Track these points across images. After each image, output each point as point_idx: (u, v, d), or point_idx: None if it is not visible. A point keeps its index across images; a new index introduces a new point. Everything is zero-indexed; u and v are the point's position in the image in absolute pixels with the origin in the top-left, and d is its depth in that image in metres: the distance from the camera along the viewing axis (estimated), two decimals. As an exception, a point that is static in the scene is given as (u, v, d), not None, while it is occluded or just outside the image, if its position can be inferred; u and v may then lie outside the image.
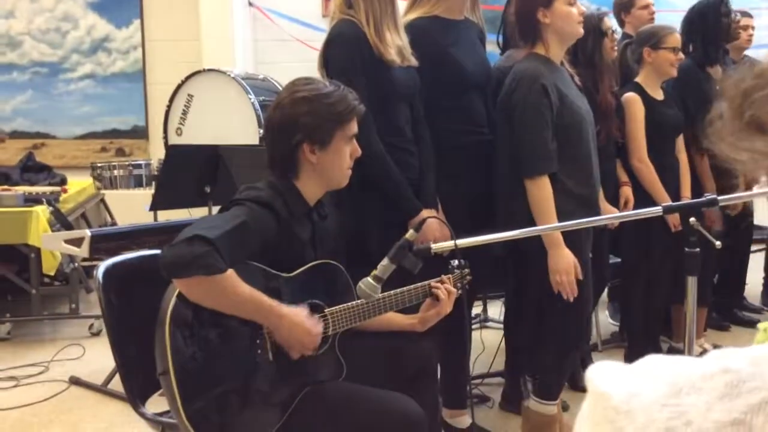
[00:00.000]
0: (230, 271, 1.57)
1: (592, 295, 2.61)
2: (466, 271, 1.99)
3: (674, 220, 3.06)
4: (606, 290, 3.87)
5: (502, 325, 3.37)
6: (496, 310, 3.82)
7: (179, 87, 4.35)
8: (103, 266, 1.89)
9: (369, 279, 1.71)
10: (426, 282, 1.92)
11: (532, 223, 2.27)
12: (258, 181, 1.84)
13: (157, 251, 1.69)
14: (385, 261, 1.72)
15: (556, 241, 2.27)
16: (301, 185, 1.82)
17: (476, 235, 1.79)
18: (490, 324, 3.84)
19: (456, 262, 1.97)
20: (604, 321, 3.81)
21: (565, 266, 2.26)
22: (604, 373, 0.48)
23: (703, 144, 0.61)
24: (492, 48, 2.97)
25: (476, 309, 3.78)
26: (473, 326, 3.44)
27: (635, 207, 3.02)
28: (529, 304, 2.85)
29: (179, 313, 1.60)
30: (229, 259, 1.57)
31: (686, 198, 3.11)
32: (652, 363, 0.47)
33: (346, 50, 2.17)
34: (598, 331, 3.55)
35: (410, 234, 1.74)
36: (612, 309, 3.95)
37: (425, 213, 2.23)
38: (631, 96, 3.07)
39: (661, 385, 0.44)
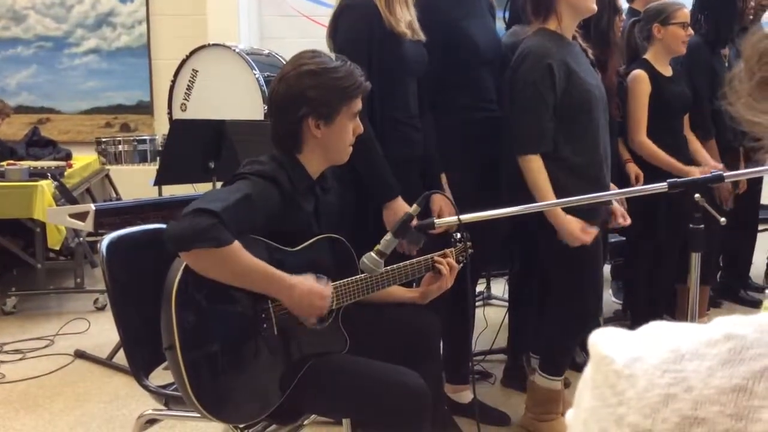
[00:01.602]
0: (236, 244, 1.58)
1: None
2: (469, 244, 1.98)
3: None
4: (609, 268, 3.87)
5: (505, 303, 3.38)
6: (499, 287, 3.82)
7: (184, 62, 4.32)
8: (107, 239, 1.89)
9: (372, 254, 1.71)
10: (429, 255, 1.92)
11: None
12: (262, 155, 1.83)
13: (162, 225, 1.69)
14: (388, 236, 1.72)
15: (555, 213, 2.27)
16: (304, 159, 1.81)
17: (487, 208, 1.79)
18: (493, 301, 3.85)
19: (458, 235, 1.96)
20: (607, 299, 3.81)
21: (576, 234, 2.26)
22: (608, 338, 0.48)
23: (719, 106, 0.60)
24: (498, 24, 2.94)
25: (480, 286, 3.79)
26: (476, 303, 3.46)
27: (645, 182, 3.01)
28: (536, 280, 2.86)
29: (185, 288, 1.60)
30: (235, 232, 1.58)
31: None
32: (657, 329, 0.47)
33: (356, 21, 2.15)
34: (601, 310, 3.55)
35: (414, 209, 1.73)
36: (615, 287, 3.95)
37: (440, 198, 2.23)
38: (638, 73, 3.04)
39: (664, 350, 0.43)
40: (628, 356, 0.45)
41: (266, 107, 1.84)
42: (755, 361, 0.40)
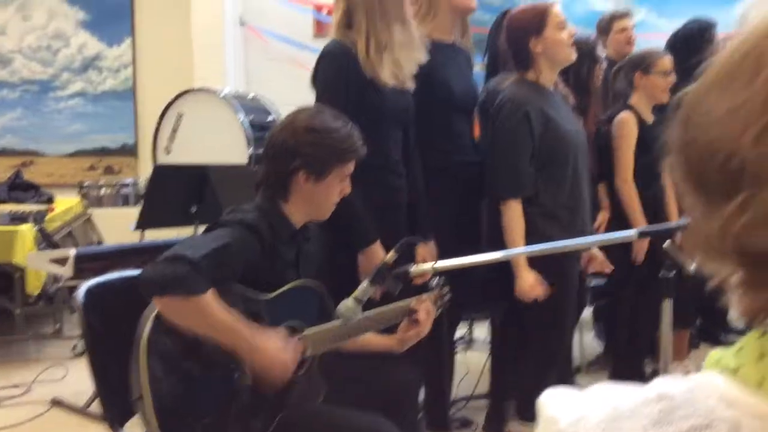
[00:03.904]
0: (210, 293, 1.57)
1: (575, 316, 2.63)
2: (446, 289, 1.99)
3: (639, 250, 2.94)
4: (591, 311, 3.88)
5: (487, 347, 3.37)
6: (482, 331, 3.82)
7: (169, 106, 4.36)
8: (84, 287, 1.88)
9: (349, 300, 1.71)
10: (406, 301, 1.93)
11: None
12: (244, 201, 1.84)
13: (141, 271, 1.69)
14: (365, 283, 1.72)
15: (520, 263, 2.31)
16: (288, 209, 1.83)
17: (463, 255, 1.81)
18: (475, 345, 3.83)
19: (436, 280, 1.97)
20: (589, 343, 3.81)
21: (526, 289, 2.31)
22: (556, 399, 0.50)
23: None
24: (478, 68, 3.01)
25: (462, 330, 3.78)
26: (458, 348, 3.44)
27: (617, 230, 3.03)
28: (514, 323, 2.86)
29: (156, 335, 1.59)
30: (210, 280, 1.57)
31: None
32: (603, 389, 0.50)
33: (333, 69, 2.19)
34: (583, 353, 3.55)
35: (390, 256, 1.74)
36: (597, 330, 3.95)
37: (426, 245, 2.26)
38: (625, 116, 3.06)
39: (605, 409, 0.46)
40: (572, 417, 0.47)
41: (262, 149, 1.87)
42: (683, 421, 0.42)
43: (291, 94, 3.04)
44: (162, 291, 1.55)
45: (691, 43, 3.34)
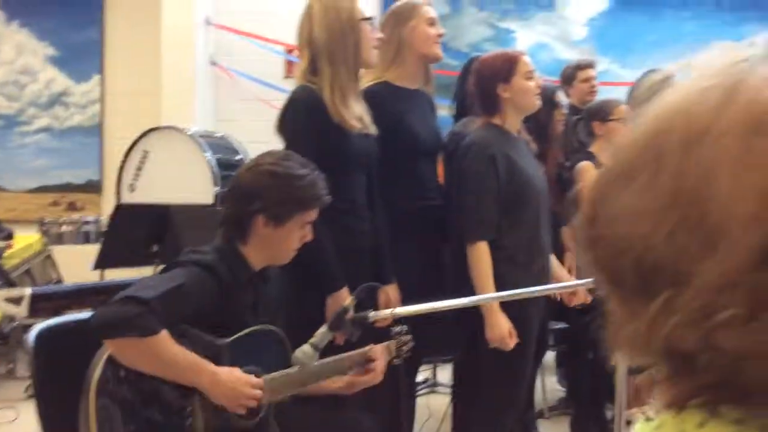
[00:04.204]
0: (164, 333, 1.56)
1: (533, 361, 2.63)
2: (407, 338, 1.99)
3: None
4: (554, 355, 3.89)
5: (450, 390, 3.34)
6: (446, 374, 3.80)
7: (135, 143, 4.33)
8: (35, 330, 1.84)
9: (306, 346, 1.70)
10: (365, 348, 1.91)
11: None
12: (206, 241, 1.84)
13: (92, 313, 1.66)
14: (322, 329, 1.71)
15: (492, 308, 2.31)
16: (247, 251, 1.82)
17: (427, 299, 1.82)
18: (439, 389, 3.81)
19: (398, 328, 1.97)
20: (552, 387, 3.81)
21: (498, 335, 2.30)
22: None
23: None
24: (444, 111, 3.06)
25: (425, 373, 3.76)
26: (421, 391, 3.42)
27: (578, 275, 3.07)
28: (474, 367, 2.85)
29: (106, 379, 1.56)
30: (164, 321, 1.56)
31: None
32: None
33: (300, 116, 2.21)
34: (545, 398, 3.55)
35: (349, 301, 1.74)
36: (560, 374, 3.96)
37: (388, 290, 2.26)
38: (585, 164, 3.13)
39: None
40: None
41: (225, 189, 1.88)
42: None
43: (260, 133, 3.04)
44: (114, 333, 1.53)
45: (654, 92, 3.43)
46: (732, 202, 0.37)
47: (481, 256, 2.34)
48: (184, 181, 4.17)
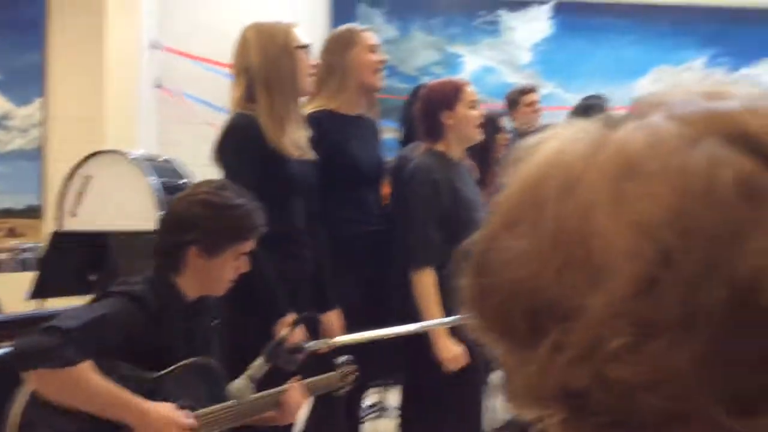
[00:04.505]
0: (86, 364, 1.51)
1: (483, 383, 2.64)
2: (351, 368, 1.97)
3: None
4: (502, 376, 3.90)
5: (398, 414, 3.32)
6: (395, 398, 3.77)
7: (76, 168, 4.22)
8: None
9: (241, 379, 1.66)
10: (307, 381, 1.89)
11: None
12: (146, 268, 1.80)
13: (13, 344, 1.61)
14: (258, 360, 1.68)
15: (440, 333, 2.30)
16: (180, 282, 1.78)
17: (372, 326, 1.81)
18: (388, 413, 3.78)
19: (343, 358, 1.95)
20: (497, 408, 3.81)
21: (451, 356, 2.30)
22: None
23: None
24: (392, 135, 3.08)
25: (374, 397, 3.73)
26: (370, 416, 3.39)
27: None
28: (420, 391, 2.84)
29: (28, 414, 1.50)
30: (85, 352, 1.52)
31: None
32: None
33: (238, 144, 2.19)
34: (490, 418, 3.55)
35: (285, 332, 1.71)
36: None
37: (330, 317, 2.24)
38: None
39: None
40: None
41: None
42: None
43: (207, 157, 3.01)
44: (31, 363, 1.48)
45: (587, 116, 3.51)
46: (611, 237, 0.38)
47: (426, 281, 2.34)
48: (127, 206, 4.08)
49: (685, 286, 0.36)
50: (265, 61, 2.15)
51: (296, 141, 2.23)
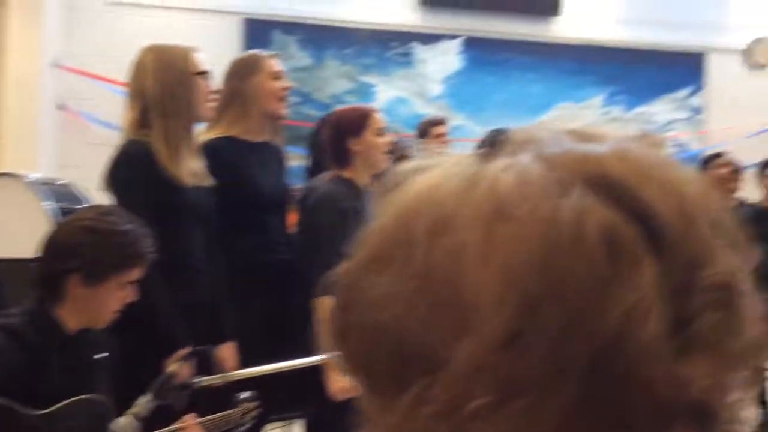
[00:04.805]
0: None
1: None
2: (252, 405, 1.92)
3: None
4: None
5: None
6: (300, 430, 3.70)
7: (-33, 191, 4.00)
8: None
9: (126, 417, 1.60)
10: (204, 418, 1.82)
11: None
12: (14, 307, 1.70)
13: None
14: (145, 397, 1.62)
15: (330, 365, 2.29)
16: (61, 313, 1.69)
17: (274, 357, 1.77)
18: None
19: (243, 395, 1.90)
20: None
21: (338, 389, 2.29)
22: None
23: None
24: (303, 161, 3.06)
25: (280, 430, 3.65)
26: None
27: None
28: (324, 423, 2.81)
29: None
30: None
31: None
32: None
33: (129, 172, 2.12)
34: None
35: (174, 367, 1.65)
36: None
37: (225, 350, 2.17)
38: None
39: None
40: None
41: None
42: None
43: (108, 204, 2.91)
44: None
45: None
46: (480, 283, 0.36)
47: (324, 311, 2.33)
48: (22, 232, 3.88)
49: (549, 341, 0.35)
50: (160, 86, 2.10)
51: (192, 168, 2.18)
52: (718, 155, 4.34)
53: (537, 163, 0.38)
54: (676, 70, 6.09)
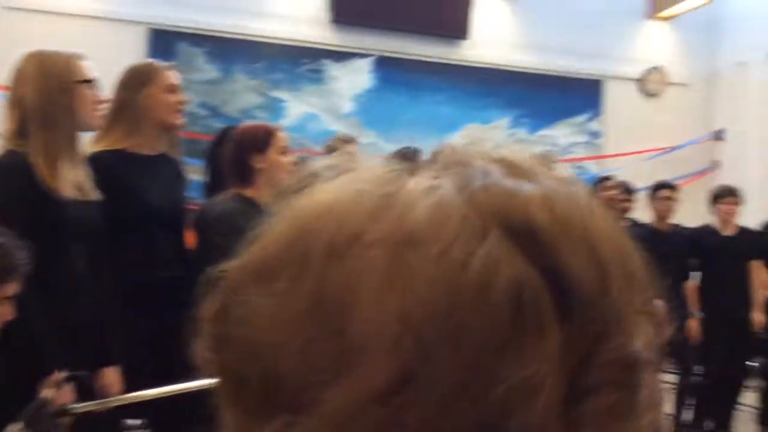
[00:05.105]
0: None
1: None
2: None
3: None
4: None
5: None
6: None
7: None
8: None
9: (-8, 449, 1.49)
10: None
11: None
12: None
13: None
14: (15, 425, 1.51)
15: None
16: None
17: (163, 379, 1.69)
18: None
19: (135, 422, 1.81)
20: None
21: None
22: None
23: None
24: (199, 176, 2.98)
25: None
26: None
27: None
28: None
29: None
30: None
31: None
32: None
33: (6, 184, 2.00)
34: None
35: (48, 392, 1.56)
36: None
37: (108, 374, 2.07)
38: None
39: None
40: None
41: None
42: None
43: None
44: None
45: None
46: (374, 320, 0.32)
47: None
48: None
49: (435, 399, 0.31)
50: (40, 94, 1.99)
51: (74, 181, 2.08)
52: (607, 178, 4.54)
53: (459, 196, 0.34)
54: (576, 95, 6.37)
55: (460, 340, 0.31)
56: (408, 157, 0.39)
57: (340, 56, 5.94)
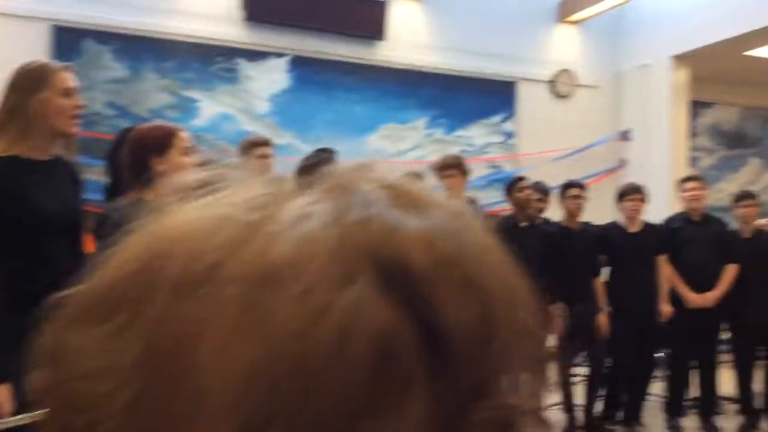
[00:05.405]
0: None
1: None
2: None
3: None
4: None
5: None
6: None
7: None
8: None
9: None
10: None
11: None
12: None
13: None
14: None
15: None
16: None
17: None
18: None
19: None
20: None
21: None
22: None
23: None
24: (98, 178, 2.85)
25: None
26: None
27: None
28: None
29: None
30: None
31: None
32: None
33: None
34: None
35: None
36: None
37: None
38: None
39: None
40: None
41: None
42: None
43: None
44: None
45: (307, 170, 3.61)
46: (215, 376, 0.28)
47: None
48: None
49: None
50: None
51: None
52: (522, 178, 4.63)
53: (331, 228, 0.30)
54: (490, 97, 6.48)
55: (310, 402, 0.27)
56: (306, 170, 0.35)
57: (255, 55, 5.83)
